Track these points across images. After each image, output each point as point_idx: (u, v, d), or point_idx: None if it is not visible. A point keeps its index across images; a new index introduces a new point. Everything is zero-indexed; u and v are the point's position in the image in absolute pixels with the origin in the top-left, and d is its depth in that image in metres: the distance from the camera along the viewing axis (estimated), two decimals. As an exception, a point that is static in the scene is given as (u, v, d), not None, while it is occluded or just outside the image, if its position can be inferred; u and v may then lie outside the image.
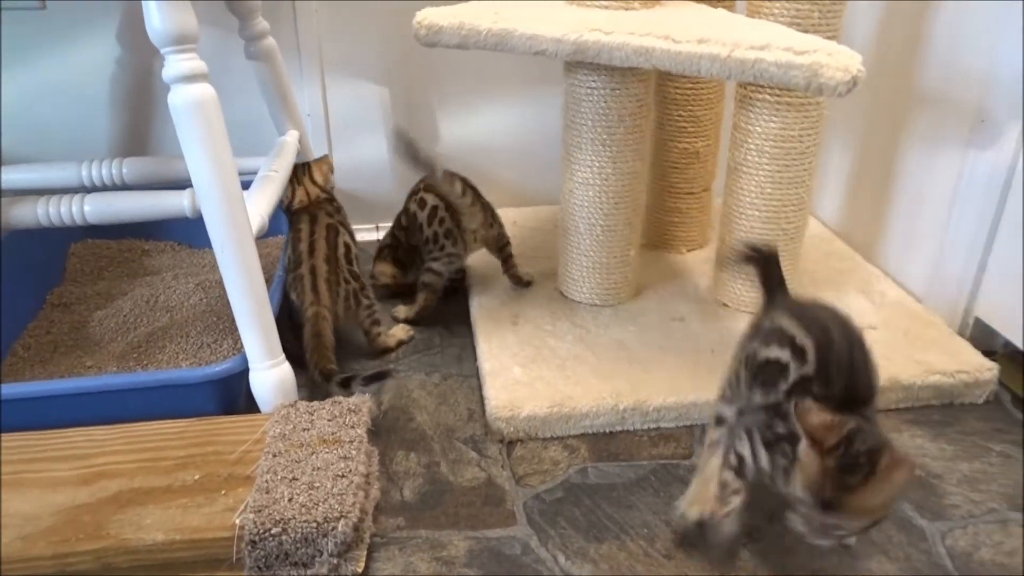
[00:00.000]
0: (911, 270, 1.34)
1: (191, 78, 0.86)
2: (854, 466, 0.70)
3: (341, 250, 1.21)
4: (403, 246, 1.35)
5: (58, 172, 1.20)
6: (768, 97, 1.13)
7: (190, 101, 0.86)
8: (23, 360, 1.18)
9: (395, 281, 1.37)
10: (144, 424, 0.93)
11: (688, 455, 1.02)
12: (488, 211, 1.29)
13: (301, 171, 1.32)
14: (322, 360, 1.09)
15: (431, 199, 1.27)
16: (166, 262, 1.47)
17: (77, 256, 1.46)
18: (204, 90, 0.87)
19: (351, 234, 1.28)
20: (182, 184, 1.08)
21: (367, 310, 1.20)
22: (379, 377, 1.08)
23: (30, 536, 0.77)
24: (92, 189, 1.18)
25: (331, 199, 1.32)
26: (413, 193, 1.32)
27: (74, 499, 0.82)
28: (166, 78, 0.86)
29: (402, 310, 1.32)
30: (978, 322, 1.21)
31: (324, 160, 1.36)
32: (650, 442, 1.05)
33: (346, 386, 1.06)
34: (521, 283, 1.35)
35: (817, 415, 0.72)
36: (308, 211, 1.26)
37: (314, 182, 1.31)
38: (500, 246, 1.33)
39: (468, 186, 1.26)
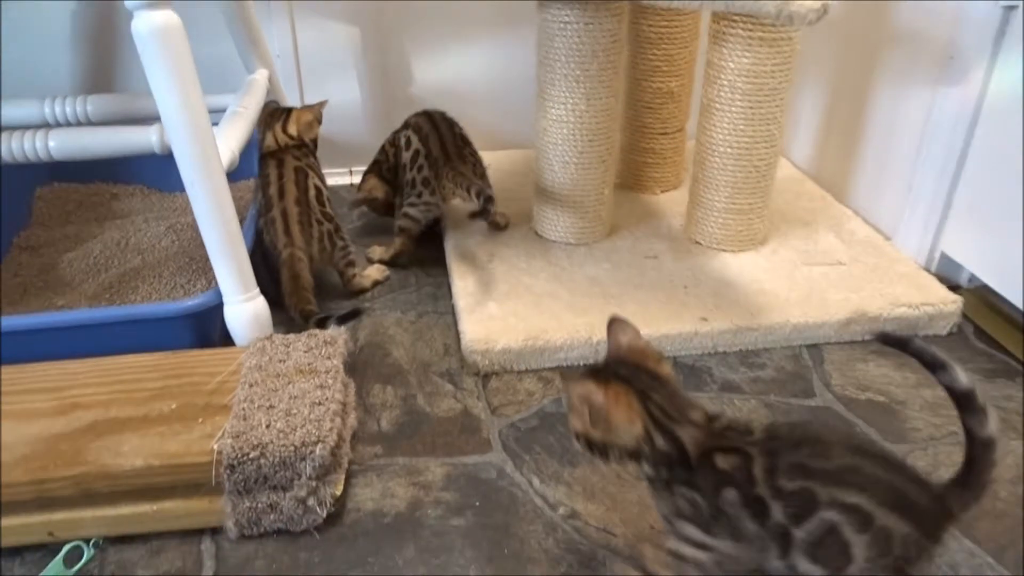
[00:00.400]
0: (880, 209, 1.37)
1: (154, 3, 0.84)
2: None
3: (312, 192, 1.21)
4: (389, 164, 1.36)
5: (20, 109, 1.18)
6: (741, 32, 1.13)
7: (154, 28, 0.85)
8: (-8, 301, 1.17)
9: (385, 196, 1.37)
10: (119, 357, 0.93)
11: (660, 385, 1.04)
12: (474, 165, 1.28)
13: (277, 117, 1.29)
14: (301, 301, 1.10)
15: (415, 142, 1.27)
16: (135, 206, 1.45)
17: (44, 200, 1.43)
18: (168, 16, 0.85)
19: (321, 177, 1.27)
20: (148, 122, 1.07)
21: (342, 251, 1.20)
22: (352, 316, 1.09)
23: (7, 463, 0.77)
24: (57, 126, 1.16)
25: (300, 146, 1.29)
26: (405, 125, 1.32)
27: (50, 429, 0.82)
28: (128, 5, 0.84)
29: (377, 251, 1.32)
30: (944, 257, 1.24)
31: (309, 110, 1.31)
32: (623, 374, 1.07)
33: (323, 326, 1.06)
34: (497, 227, 1.35)
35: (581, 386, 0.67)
36: (275, 156, 1.25)
37: (286, 131, 1.28)
38: (482, 197, 1.27)
39: (454, 138, 1.27)
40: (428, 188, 1.25)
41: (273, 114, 1.30)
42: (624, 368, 0.69)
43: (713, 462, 0.66)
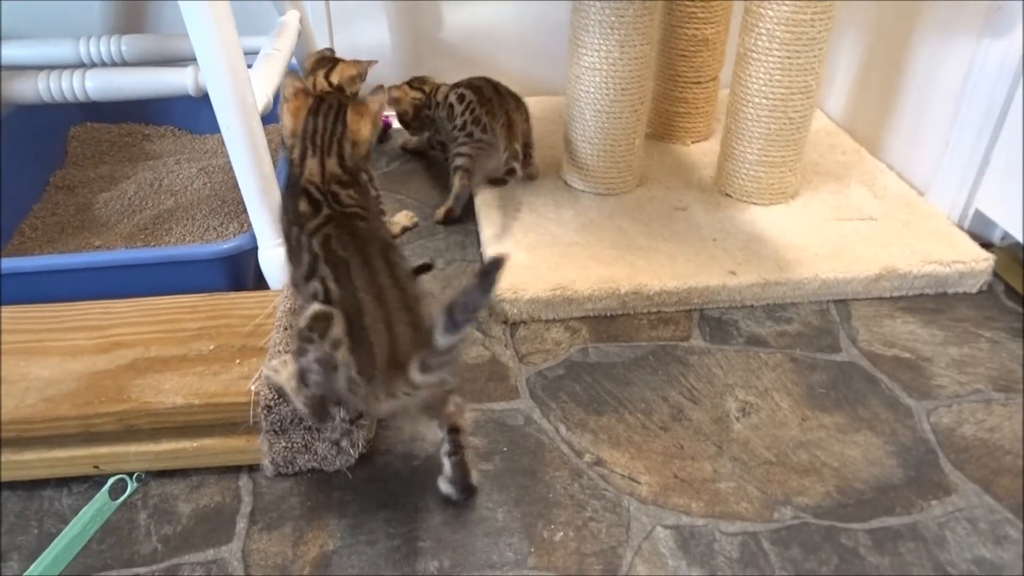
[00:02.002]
0: (915, 164, 1.34)
1: (192, -56, 0.84)
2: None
3: None
4: (424, 102, 1.38)
5: (56, 48, 1.18)
6: (782, -21, 1.10)
7: (192, -31, 0.84)
8: (31, 240, 1.20)
9: (412, 110, 1.39)
10: (158, 298, 0.95)
11: (686, 337, 1.05)
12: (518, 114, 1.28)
13: (323, 64, 1.29)
14: None
15: (469, 95, 1.27)
16: (167, 147, 1.46)
17: (77, 140, 1.45)
18: (206, -42, 0.85)
19: None
20: (182, 63, 1.07)
21: (375, 200, 1.21)
22: (424, 269, 1.13)
23: (53, 398, 0.80)
24: (91, 66, 1.16)
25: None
26: (456, 86, 1.31)
27: (93, 366, 0.84)
28: (166, -56, 0.84)
29: (439, 213, 1.31)
30: (978, 214, 1.22)
31: (355, 65, 1.30)
32: (649, 325, 1.08)
33: None
34: (530, 178, 1.34)
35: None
36: None
37: (328, 79, 1.29)
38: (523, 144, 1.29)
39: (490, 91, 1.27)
40: (479, 126, 1.24)
41: (320, 61, 1.30)
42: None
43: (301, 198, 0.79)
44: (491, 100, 1.25)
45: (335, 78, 1.28)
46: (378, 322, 0.72)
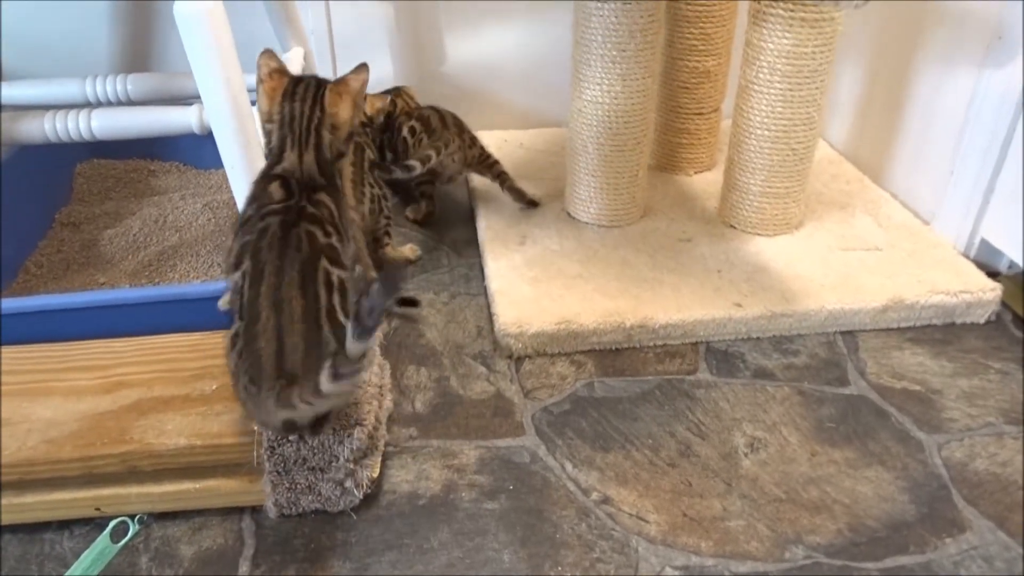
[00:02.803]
0: (919, 193, 1.34)
1: (197, -14, 0.84)
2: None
3: (366, 164, 1.25)
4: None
5: (61, 88, 1.18)
6: (782, 12, 1.11)
7: (197, 12, 0.85)
8: (36, 277, 1.20)
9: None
10: (161, 337, 0.94)
11: (693, 371, 1.04)
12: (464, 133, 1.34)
13: None
14: (364, 268, 1.11)
15: (418, 127, 1.33)
16: (172, 183, 1.46)
17: (83, 176, 1.45)
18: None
19: (372, 150, 1.32)
20: (186, 101, 1.08)
21: (385, 219, 1.24)
22: (410, 302, 1.14)
23: (56, 440, 0.80)
24: (96, 105, 1.17)
25: (364, 124, 1.33)
26: (408, 117, 1.36)
27: (96, 407, 0.84)
28: (171, -13, 0.85)
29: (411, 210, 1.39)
30: (984, 243, 1.22)
31: (380, 98, 1.36)
32: (656, 358, 1.07)
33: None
34: (524, 199, 1.35)
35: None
36: None
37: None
38: (488, 165, 1.35)
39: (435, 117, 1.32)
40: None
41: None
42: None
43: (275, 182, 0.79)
44: (436, 131, 1.32)
45: (368, 109, 1.33)
46: (269, 331, 0.72)
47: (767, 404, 0.99)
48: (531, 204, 1.35)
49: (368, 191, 1.22)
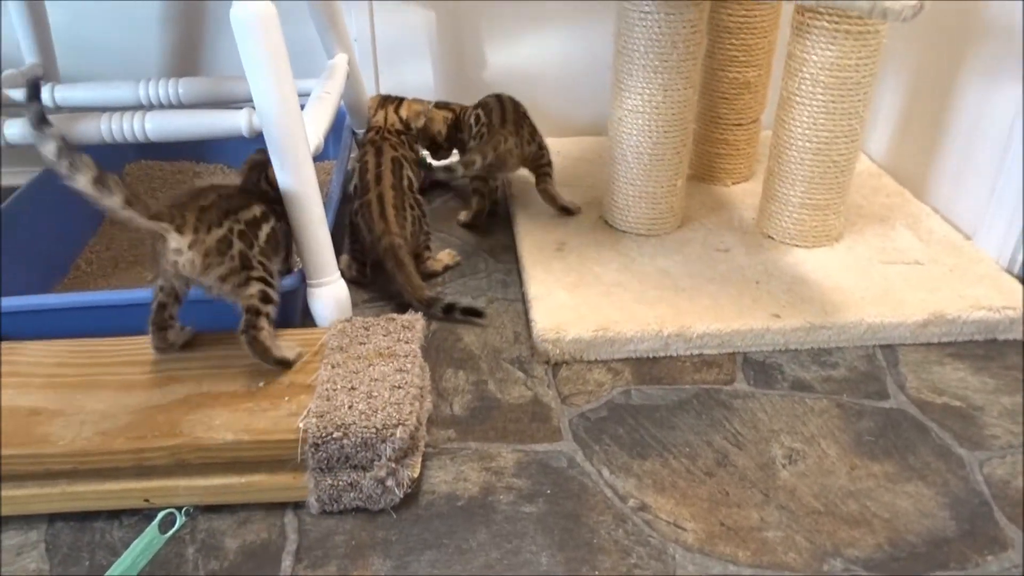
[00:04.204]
0: (961, 207, 1.33)
1: (253, -7, 0.87)
2: None
3: (406, 182, 1.24)
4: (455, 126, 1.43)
5: (115, 91, 1.22)
6: (826, 24, 1.11)
7: (253, 16, 0.87)
8: (86, 274, 1.23)
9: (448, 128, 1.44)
10: (210, 334, 0.97)
11: (730, 381, 1.04)
12: (523, 129, 1.33)
13: (392, 99, 1.38)
14: (416, 289, 1.13)
15: (482, 115, 1.36)
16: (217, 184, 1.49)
17: (132, 176, 1.49)
18: (266, 6, 0.88)
19: (413, 169, 1.30)
20: (235, 104, 1.10)
21: (425, 236, 1.24)
22: (475, 313, 1.15)
23: (108, 432, 0.82)
24: (149, 107, 1.20)
25: (403, 132, 1.34)
26: (476, 106, 1.40)
27: (147, 400, 0.86)
28: (228, -7, 0.87)
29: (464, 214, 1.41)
30: (1028, 259, 1.20)
31: (420, 103, 1.39)
32: (692, 367, 1.07)
33: (449, 312, 1.13)
34: (556, 204, 1.36)
35: None
36: (374, 143, 1.29)
37: (397, 112, 1.35)
38: (538, 164, 1.36)
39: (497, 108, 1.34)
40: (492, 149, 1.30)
41: (388, 97, 1.39)
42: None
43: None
44: (497, 126, 1.32)
45: (404, 111, 1.36)
46: None
47: (805, 416, 0.99)
48: (564, 211, 1.36)
49: (409, 214, 1.20)
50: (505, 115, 1.33)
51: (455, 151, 1.46)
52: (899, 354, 1.09)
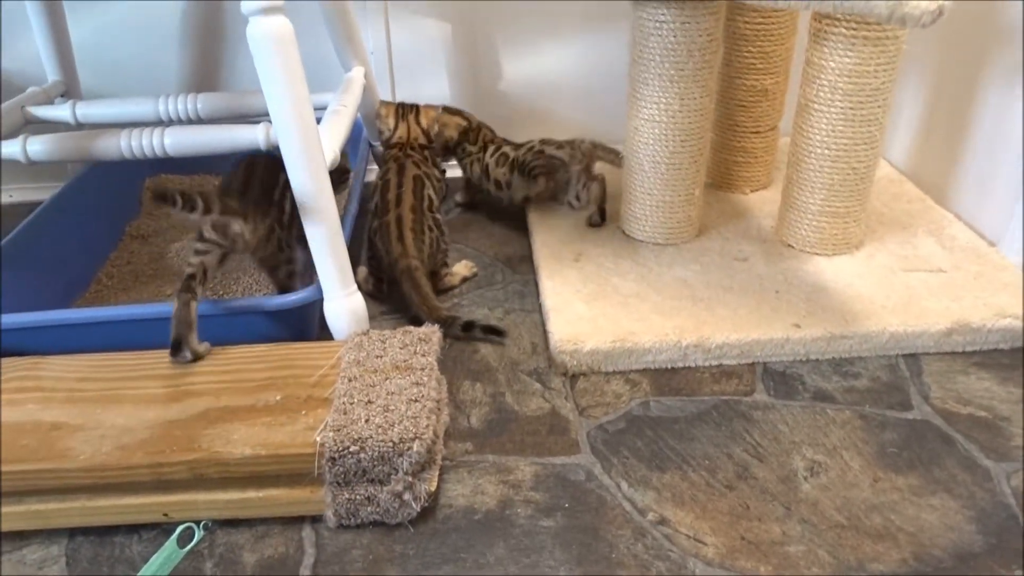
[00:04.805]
0: (985, 213, 1.31)
1: (269, 10, 0.87)
2: None
3: (426, 202, 1.24)
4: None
5: (136, 107, 1.24)
6: (844, 31, 1.09)
7: (269, 33, 0.88)
8: (107, 288, 1.24)
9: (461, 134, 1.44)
10: (228, 348, 0.97)
11: (750, 392, 1.03)
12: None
13: (408, 109, 1.37)
14: (432, 311, 1.13)
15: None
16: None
17: (152, 190, 1.51)
18: (282, 23, 0.88)
19: (436, 187, 1.30)
20: (254, 118, 1.11)
21: (442, 254, 1.24)
22: (496, 332, 1.13)
23: (128, 446, 0.82)
24: (168, 123, 1.22)
25: (426, 147, 1.35)
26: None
27: (166, 415, 0.87)
28: (245, 11, 0.88)
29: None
30: (1054, 266, 1.18)
31: (432, 107, 1.40)
32: (712, 378, 1.06)
33: (468, 330, 1.12)
34: (595, 224, 1.37)
35: None
36: (397, 160, 1.29)
37: (419, 123, 1.36)
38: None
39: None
40: (551, 144, 1.35)
41: (403, 104, 1.39)
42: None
43: None
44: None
45: (424, 121, 1.37)
46: None
47: (827, 427, 0.97)
48: (596, 224, 1.36)
49: (427, 236, 1.20)
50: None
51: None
52: (922, 363, 1.08)
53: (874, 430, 0.96)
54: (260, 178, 1.10)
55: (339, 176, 1.34)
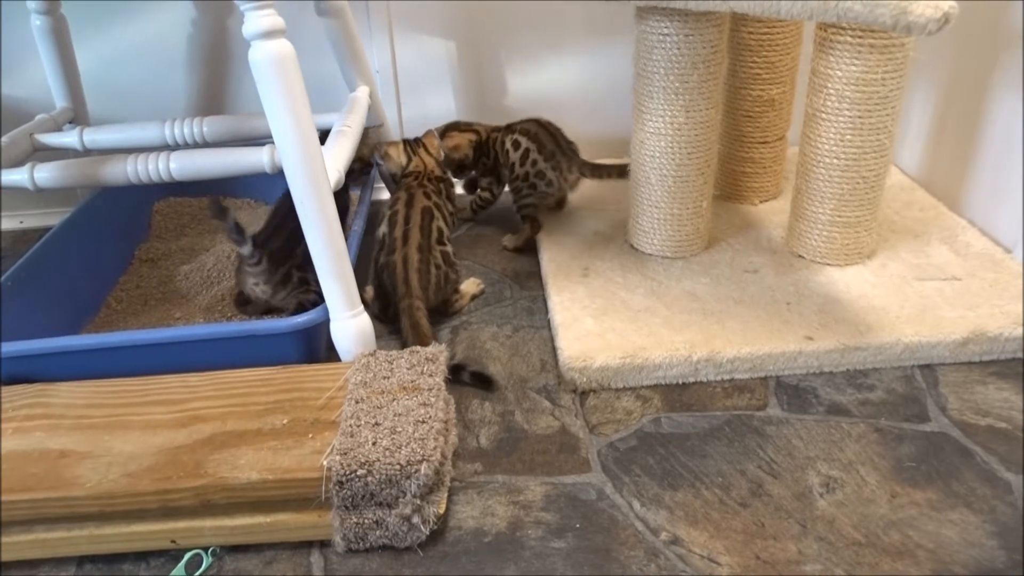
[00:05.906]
0: (1000, 220, 1.29)
1: (270, 34, 0.88)
2: None
3: (434, 236, 1.21)
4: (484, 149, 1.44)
5: (142, 132, 1.25)
6: (850, 39, 1.09)
7: (270, 57, 0.88)
8: (116, 312, 1.25)
9: (475, 148, 1.44)
10: (234, 371, 0.97)
11: (763, 406, 1.02)
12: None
13: (415, 144, 1.38)
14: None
15: (524, 143, 1.35)
16: (244, 219, 1.50)
17: (161, 213, 1.51)
18: (283, 46, 0.89)
19: (446, 218, 1.28)
20: (260, 140, 1.12)
21: (452, 284, 1.22)
22: (484, 380, 1.07)
23: (135, 473, 0.82)
24: (175, 147, 1.22)
25: (441, 178, 1.34)
26: (510, 131, 1.39)
27: (173, 440, 0.86)
28: (246, 34, 0.88)
29: (509, 240, 1.42)
30: (1071, 272, 1.16)
31: (430, 134, 1.40)
32: (724, 393, 1.05)
33: (456, 373, 1.06)
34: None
35: None
36: (408, 188, 1.28)
37: (429, 153, 1.37)
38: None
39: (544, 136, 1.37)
40: (543, 180, 1.35)
41: (408, 144, 1.39)
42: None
43: None
44: (553, 153, 1.35)
45: (432, 150, 1.38)
46: None
47: (842, 442, 0.95)
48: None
49: (434, 274, 1.17)
50: (558, 142, 1.37)
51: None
52: (939, 374, 1.06)
53: (890, 444, 0.95)
54: (289, 228, 1.12)
55: (362, 168, 1.42)
